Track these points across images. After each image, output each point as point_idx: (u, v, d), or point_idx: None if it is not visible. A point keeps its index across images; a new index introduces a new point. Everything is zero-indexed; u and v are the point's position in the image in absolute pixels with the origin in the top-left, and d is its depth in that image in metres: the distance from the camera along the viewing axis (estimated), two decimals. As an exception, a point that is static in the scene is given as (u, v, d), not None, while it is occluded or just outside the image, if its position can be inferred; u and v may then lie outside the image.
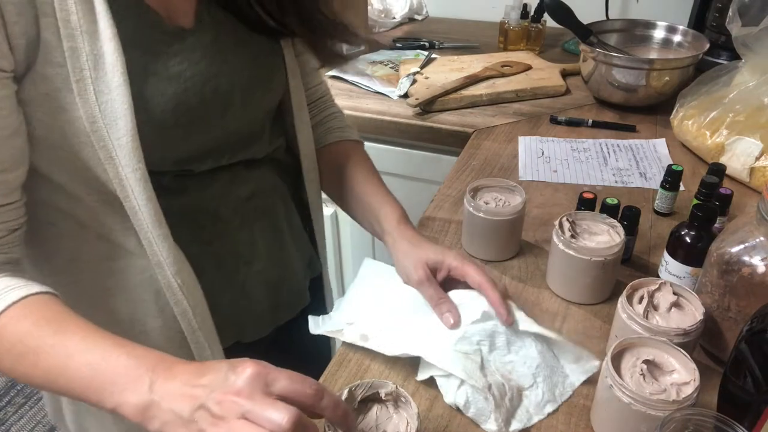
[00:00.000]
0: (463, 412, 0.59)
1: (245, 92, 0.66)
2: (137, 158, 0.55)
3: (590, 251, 0.69)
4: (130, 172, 0.55)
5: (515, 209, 0.77)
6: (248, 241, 0.72)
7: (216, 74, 0.62)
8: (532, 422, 0.59)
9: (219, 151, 0.66)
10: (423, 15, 1.77)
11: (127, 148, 0.54)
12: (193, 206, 0.66)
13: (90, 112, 0.53)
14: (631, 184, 0.98)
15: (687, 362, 0.54)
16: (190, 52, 0.61)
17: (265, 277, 0.75)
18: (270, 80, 0.71)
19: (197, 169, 0.65)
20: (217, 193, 0.68)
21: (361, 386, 0.54)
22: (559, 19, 1.19)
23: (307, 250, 0.84)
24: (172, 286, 0.61)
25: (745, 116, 0.95)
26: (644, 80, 1.13)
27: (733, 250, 0.60)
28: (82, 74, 0.52)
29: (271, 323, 0.78)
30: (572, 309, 0.73)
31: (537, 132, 1.14)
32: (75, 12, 0.51)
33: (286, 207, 0.79)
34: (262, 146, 0.72)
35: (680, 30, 1.25)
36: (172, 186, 0.63)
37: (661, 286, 0.64)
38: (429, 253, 0.68)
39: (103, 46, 0.52)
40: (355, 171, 0.80)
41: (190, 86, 0.60)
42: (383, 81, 1.32)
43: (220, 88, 0.63)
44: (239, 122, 0.67)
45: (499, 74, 1.30)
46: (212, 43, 0.63)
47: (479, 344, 0.63)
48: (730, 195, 0.78)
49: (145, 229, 0.58)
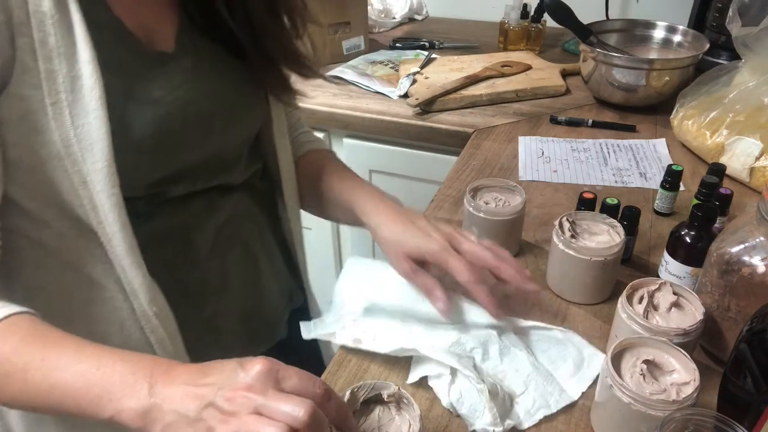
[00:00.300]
0: (457, 410, 0.59)
1: (226, 118, 0.65)
2: (112, 183, 0.53)
3: (590, 251, 0.69)
4: (105, 197, 0.53)
5: (515, 209, 0.77)
6: (219, 271, 0.69)
7: (197, 99, 0.62)
8: (523, 427, 0.58)
9: (194, 176, 0.64)
10: (423, 15, 1.77)
11: (102, 173, 0.52)
12: (163, 232, 0.63)
13: (65, 136, 0.51)
14: (631, 184, 0.98)
15: (687, 362, 0.54)
16: (171, 77, 0.60)
17: (238, 309, 0.72)
18: (252, 106, 0.70)
19: (170, 194, 0.63)
20: (188, 220, 0.65)
21: (364, 387, 0.54)
22: (559, 19, 1.19)
23: (287, 281, 0.81)
24: (147, 315, 0.59)
25: (745, 116, 0.95)
26: (644, 80, 1.13)
27: (733, 250, 0.60)
28: (58, 97, 0.51)
29: (243, 356, 0.75)
30: (572, 309, 0.73)
31: (537, 132, 1.14)
32: (53, 34, 0.49)
33: (261, 235, 0.76)
34: (238, 172, 0.71)
35: (680, 30, 1.25)
36: (142, 211, 0.60)
37: (661, 286, 0.64)
38: (409, 244, 0.65)
39: (81, 68, 0.51)
40: (330, 174, 0.78)
41: (172, 111, 0.59)
42: (383, 81, 1.32)
43: (201, 113, 0.62)
44: (218, 148, 0.66)
45: (499, 74, 1.30)
46: (193, 68, 0.62)
47: (472, 351, 0.63)
48: (730, 195, 0.78)
49: (118, 256, 0.56)
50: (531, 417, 0.59)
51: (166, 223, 0.63)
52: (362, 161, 1.29)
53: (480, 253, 0.64)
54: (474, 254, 0.64)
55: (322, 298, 0.86)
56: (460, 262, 0.63)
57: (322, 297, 0.86)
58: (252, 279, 0.74)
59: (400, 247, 0.66)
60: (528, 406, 0.60)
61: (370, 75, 1.35)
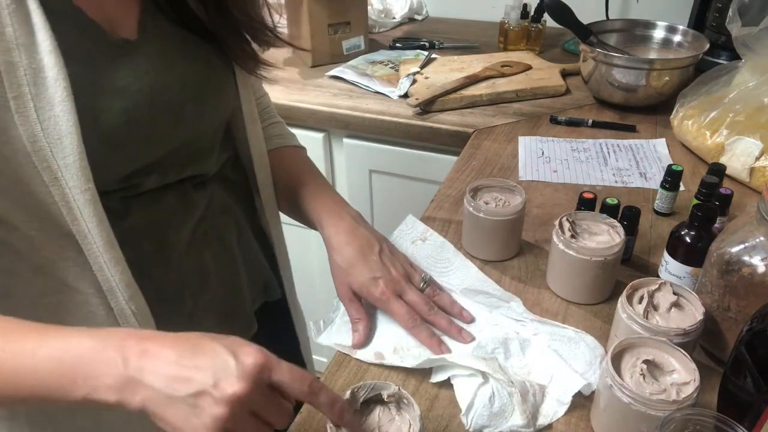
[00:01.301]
0: (489, 409, 0.59)
1: (197, 104, 0.64)
2: (86, 178, 0.51)
3: (590, 251, 0.69)
4: (78, 193, 0.51)
5: (515, 209, 0.77)
6: (197, 270, 0.68)
7: (166, 86, 0.60)
8: (559, 416, 0.59)
9: (167, 167, 0.63)
10: (423, 15, 1.77)
11: (74, 167, 0.50)
12: (137, 230, 0.61)
13: (30, 131, 0.49)
14: (631, 184, 0.98)
15: (687, 362, 0.54)
16: (137, 65, 0.58)
17: (217, 308, 0.71)
18: (221, 90, 0.68)
19: (143, 188, 0.61)
20: (163, 217, 0.64)
21: (364, 387, 0.54)
22: (559, 19, 1.19)
23: (262, 274, 0.80)
24: (126, 314, 0.58)
25: (745, 116, 0.95)
26: (644, 80, 1.13)
27: (733, 250, 0.60)
28: (21, 90, 0.48)
29: None
30: (572, 309, 0.73)
31: (537, 132, 1.14)
32: (10, 24, 0.47)
33: (239, 230, 0.75)
34: (211, 162, 0.69)
35: (680, 30, 1.25)
36: (115, 208, 0.58)
37: (661, 286, 0.64)
38: (355, 280, 0.69)
39: (43, 59, 0.49)
40: (294, 175, 0.78)
41: (140, 99, 0.57)
42: (383, 81, 1.32)
43: (170, 100, 0.60)
44: (190, 135, 0.64)
45: (499, 74, 1.30)
46: (159, 54, 0.60)
47: (494, 352, 0.64)
48: (730, 195, 0.78)
49: (95, 254, 0.54)
50: (563, 404, 0.60)
51: (139, 220, 0.61)
52: (362, 161, 1.29)
53: (419, 306, 0.69)
54: (414, 306, 0.69)
55: (307, 291, 0.86)
56: (402, 308, 0.68)
57: (307, 292, 0.85)
58: (230, 275, 0.73)
59: (345, 277, 0.70)
60: (558, 393, 0.61)
61: (370, 75, 1.35)
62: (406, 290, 0.69)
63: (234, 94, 0.71)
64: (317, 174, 0.80)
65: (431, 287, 0.72)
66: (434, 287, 0.72)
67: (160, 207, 0.63)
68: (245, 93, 0.72)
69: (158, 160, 0.61)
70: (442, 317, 0.69)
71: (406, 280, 0.70)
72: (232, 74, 0.70)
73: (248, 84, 0.73)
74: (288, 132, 0.86)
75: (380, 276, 0.69)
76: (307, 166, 0.82)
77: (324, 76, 1.38)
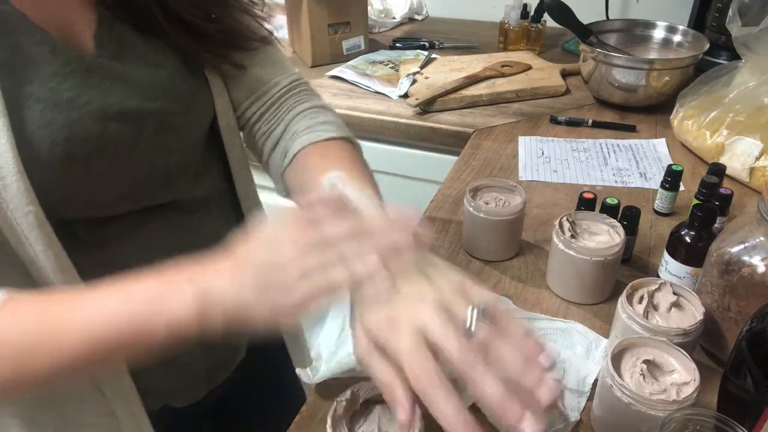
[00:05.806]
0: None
1: (159, 120, 0.57)
2: (28, 200, 0.47)
3: (590, 251, 0.69)
4: (21, 216, 0.47)
5: (515, 209, 0.77)
6: None
7: (121, 100, 0.54)
8: (582, 405, 0.60)
9: (135, 192, 0.57)
10: (423, 15, 1.77)
11: (12, 189, 0.46)
12: (114, 263, 0.51)
13: None
14: (631, 184, 0.98)
15: (687, 362, 0.54)
16: (86, 77, 0.52)
17: (203, 341, 0.66)
18: (190, 103, 0.61)
19: (114, 212, 0.56)
20: (143, 247, 0.58)
21: (364, 387, 0.54)
22: (559, 19, 1.19)
23: None
24: None
25: (745, 116, 0.95)
26: (644, 80, 1.13)
27: (733, 250, 0.60)
28: None
29: (206, 386, 0.70)
30: (572, 309, 0.73)
31: (537, 132, 1.14)
32: None
33: None
34: (189, 184, 0.62)
35: (680, 30, 1.25)
36: (87, 238, 0.55)
37: (661, 286, 0.64)
38: (372, 322, 0.43)
39: None
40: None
41: (86, 114, 0.51)
42: (383, 81, 1.32)
43: (127, 116, 0.54)
44: (155, 156, 0.58)
45: (499, 74, 1.30)
46: (115, 66, 0.55)
47: None
48: (730, 195, 0.78)
49: (46, 279, 0.50)
50: (583, 394, 0.60)
51: (115, 252, 0.57)
52: (362, 161, 1.29)
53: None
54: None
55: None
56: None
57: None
58: None
59: (361, 318, 0.45)
60: (575, 384, 0.61)
61: (370, 75, 1.35)
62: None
63: (208, 105, 0.63)
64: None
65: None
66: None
67: (138, 237, 0.59)
68: (221, 102, 0.65)
69: (124, 187, 0.56)
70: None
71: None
72: (205, 84, 0.63)
73: (225, 94, 0.65)
74: (331, 120, 0.71)
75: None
76: (349, 164, 0.65)
77: (324, 76, 1.38)
